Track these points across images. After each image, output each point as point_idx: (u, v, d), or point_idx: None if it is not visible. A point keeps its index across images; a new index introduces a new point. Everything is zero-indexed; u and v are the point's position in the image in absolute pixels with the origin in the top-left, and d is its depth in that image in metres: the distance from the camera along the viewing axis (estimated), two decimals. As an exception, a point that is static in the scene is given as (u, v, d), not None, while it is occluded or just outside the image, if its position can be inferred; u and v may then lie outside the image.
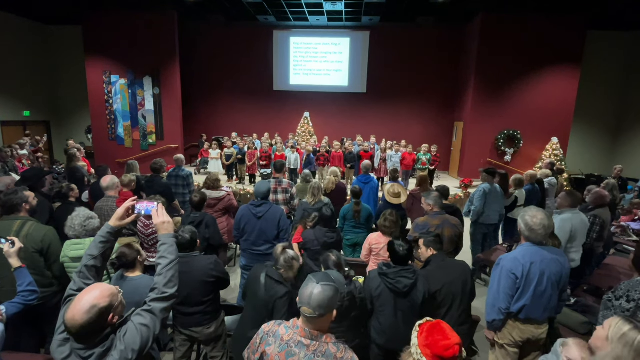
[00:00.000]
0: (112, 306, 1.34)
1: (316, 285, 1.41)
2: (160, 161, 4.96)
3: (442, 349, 1.36)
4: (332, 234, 3.24)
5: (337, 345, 1.45)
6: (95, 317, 1.27)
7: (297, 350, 1.41)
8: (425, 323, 1.49)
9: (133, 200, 1.69)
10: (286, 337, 1.45)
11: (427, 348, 1.38)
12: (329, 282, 1.44)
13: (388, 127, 11.77)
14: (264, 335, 1.52)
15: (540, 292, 2.16)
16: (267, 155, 8.53)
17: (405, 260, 2.32)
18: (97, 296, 1.30)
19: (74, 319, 1.25)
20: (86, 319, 1.26)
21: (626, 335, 1.30)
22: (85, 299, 1.29)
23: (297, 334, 1.44)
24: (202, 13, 10.63)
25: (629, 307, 2.04)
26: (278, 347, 1.44)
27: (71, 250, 2.53)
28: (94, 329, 1.29)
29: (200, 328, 2.45)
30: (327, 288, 1.41)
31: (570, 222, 3.33)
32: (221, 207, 4.25)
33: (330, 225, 3.30)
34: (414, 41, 11.38)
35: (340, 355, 1.42)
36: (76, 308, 1.27)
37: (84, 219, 2.56)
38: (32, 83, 11.31)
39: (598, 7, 8.73)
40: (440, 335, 1.40)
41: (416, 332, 1.47)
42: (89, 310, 1.26)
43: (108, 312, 1.32)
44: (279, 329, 1.50)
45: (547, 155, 9.62)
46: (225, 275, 2.51)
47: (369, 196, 5.00)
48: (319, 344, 1.42)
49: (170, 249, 1.58)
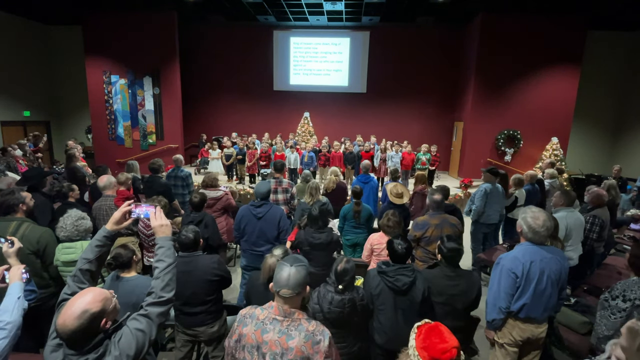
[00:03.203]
0: (105, 311, 1.31)
1: (291, 267, 1.51)
2: (158, 161, 4.94)
3: (440, 352, 1.35)
4: (319, 235, 3.09)
5: (309, 321, 1.53)
6: (86, 323, 1.24)
7: (271, 327, 1.49)
8: (424, 325, 1.48)
9: (129, 204, 1.66)
10: (261, 317, 1.53)
11: (425, 350, 1.37)
12: (300, 262, 1.56)
13: (388, 127, 11.77)
14: (241, 318, 1.57)
15: (540, 291, 2.16)
16: (266, 155, 8.53)
17: (404, 259, 2.32)
18: (89, 301, 1.27)
19: (65, 325, 1.22)
20: (77, 324, 1.23)
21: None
22: (76, 304, 1.25)
23: (272, 313, 1.52)
24: (202, 13, 10.63)
25: (625, 307, 2.04)
26: (254, 326, 1.51)
27: (62, 254, 2.50)
28: (86, 334, 1.26)
29: (203, 327, 2.45)
30: (301, 268, 1.53)
31: (565, 220, 3.34)
32: (219, 207, 4.25)
33: (318, 225, 3.13)
34: (414, 41, 11.38)
35: (312, 328, 1.50)
36: (67, 313, 1.24)
37: (76, 219, 2.55)
38: (32, 83, 11.31)
39: (598, 7, 8.73)
40: (437, 338, 1.39)
41: (414, 334, 1.46)
42: (80, 316, 1.23)
43: (100, 318, 1.29)
44: (255, 311, 1.56)
45: (547, 155, 9.61)
46: (227, 274, 2.51)
47: (368, 196, 5.00)
48: (292, 320, 1.50)
49: (167, 252, 1.56)
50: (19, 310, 1.70)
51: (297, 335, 1.46)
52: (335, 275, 2.17)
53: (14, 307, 1.68)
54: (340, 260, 2.23)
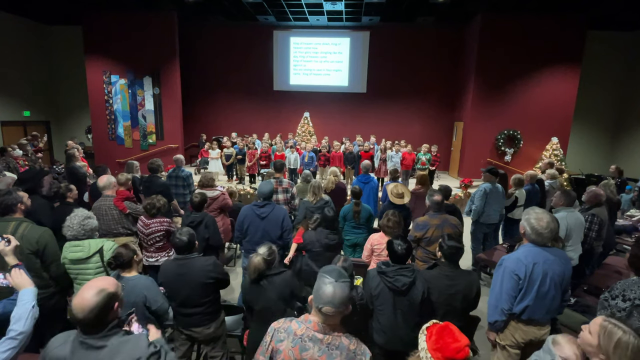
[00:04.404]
0: (118, 295, 1.41)
1: (335, 284, 1.40)
2: (157, 161, 4.94)
3: (454, 351, 1.34)
4: (334, 236, 3.19)
5: (350, 338, 1.46)
6: (103, 301, 1.32)
7: (311, 344, 1.41)
8: (433, 326, 1.47)
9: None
10: (299, 332, 1.45)
11: (438, 352, 1.36)
12: (344, 278, 1.45)
13: (388, 127, 11.77)
14: (274, 333, 1.50)
15: (543, 293, 2.14)
16: (266, 155, 8.53)
17: (403, 259, 2.31)
18: (105, 283, 1.38)
19: (83, 301, 1.29)
20: (95, 301, 1.30)
21: (620, 342, 1.29)
22: (93, 284, 1.36)
23: (310, 329, 1.44)
24: (202, 13, 10.62)
25: (625, 307, 2.03)
26: (291, 342, 1.44)
27: (70, 253, 2.52)
28: (101, 314, 1.31)
29: (200, 328, 2.45)
30: (345, 285, 1.42)
31: (566, 220, 3.33)
32: (216, 207, 4.25)
33: (332, 227, 3.24)
34: (414, 41, 11.38)
35: (353, 347, 1.43)
36: (84, 291, 1.32)
37: (82, 219, 2.56)
38: (32, 83, 11.30)
39: (598, 7, 8.73)
40: (450, 338, 1.38)
41: (424, 336, 1.45)
42: (99, 293, 1.32)
43: (115, 299, 1.38)
44: (291, 325, 1.49)
45: (547, 155, 9.61)
46: (224, 275, 2.51)
47: (368, 196, 4.99)
48: (332, 337, 1.42)
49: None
50: (32, 320, 1.66)
51: (338, 355, 1.40)
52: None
53: (27, 316, 1.63)
54: (337, 260, 2.24)
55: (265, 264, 2.27)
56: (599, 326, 1.35)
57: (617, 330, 1.31)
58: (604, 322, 1.36)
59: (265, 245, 2.38)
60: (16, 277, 1.76)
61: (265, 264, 2.28)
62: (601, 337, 1.33)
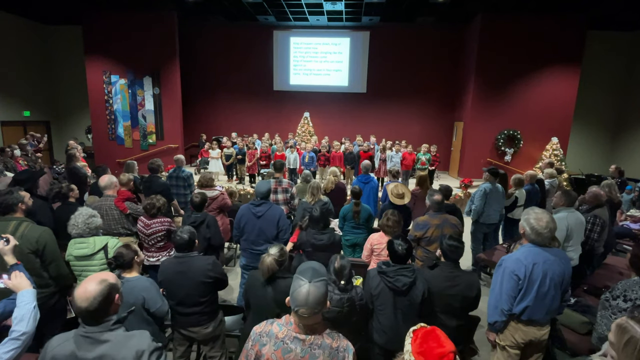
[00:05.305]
0: (118, 287, 1.47)
1: (310, 284, 1.38)
2: (157, 161, 4.94)
3: (437, 356, 1.32)
4: (321, 236, 3.06)
5: (331, 335, 1.46)
6: (106, 289, 1.38)
7: (293, 346, 1.41)
8: (420, 329, 1.45)
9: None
10: (281, 335, 1.44)
11: (422, 355, 1.34)
12: (318, 277, 1.41)
13: (388, 127, 11.77)
14: (256, 337, 1.49)
15: (543, 293, 2.14)
16: (266, 155, 8.53)
17: (404, 259, 2.31)
18: (105, 275, 1.45)
19: (86, 291, 1.34)
20: (98, 289, 1.36)
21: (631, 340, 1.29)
22: (95, 276, 1.42)
23: (292, 330, 1.44)
24: (202, 13, 10.62)
25: (626, 307, 2.03)
26: (274, 346, 1.43)
27: (75, 249, 2.58)
28: (104, 302, 1.37)
29: (197, 328, 2.45)
30: (320, 284, 1.40)
31: (566, 220, 3.32)
32: (215, 207, 4.26)
33: (319, 227, 3.11)
34: (414, 41, 11.38)
35: (336, 344, 1.44)
36: (87, 282, 1.38)
37: (87, 217, 2.61)
38: (32, 83, 11.30)
39: (598, 7, 8.73)
40: (435, 343, 1.36)
41: (410, 338, 1.43)
42: (100, 282, 1.38)
43: (116, 290, 1.44)
44: (272, 328, 1.48)
45: (547, 155, 9.61)
46: (223, 276, 2.50)
47: (368, 196, 4.99)
48: (314, 337, 1.42)
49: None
50: (35, 320, 1.67)
51: (320, 354, 1.40)
52: (335, 273, 2.17)
53: (30, 316, 1.64)
54: (334, 259, 2.23)
55: (277, 264, 2.24)
56: (616, 324, 1.36)
57: (630, 329, 1.30)
58: (621, 320, 1.36)
59: (277, 246, 2.34)
60: (15, 280, 1.77)
61: (278, 265, 2.25)
62: (616, 335, 1.33)
